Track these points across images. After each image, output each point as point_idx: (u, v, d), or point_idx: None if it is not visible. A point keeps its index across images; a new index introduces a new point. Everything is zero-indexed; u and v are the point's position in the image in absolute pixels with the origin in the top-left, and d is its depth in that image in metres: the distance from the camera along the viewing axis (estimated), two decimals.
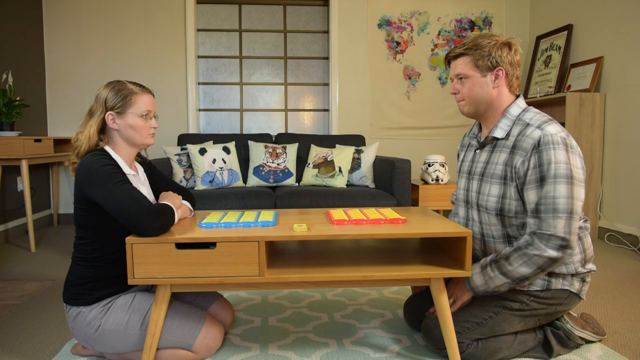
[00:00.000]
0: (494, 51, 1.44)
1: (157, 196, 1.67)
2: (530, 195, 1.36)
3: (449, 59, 1.55)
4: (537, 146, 1.35)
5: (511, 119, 1.47)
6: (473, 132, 1.66)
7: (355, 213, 1.61)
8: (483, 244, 1.54)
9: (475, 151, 1.60)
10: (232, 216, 1.53)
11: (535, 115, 1.44)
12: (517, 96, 1.51)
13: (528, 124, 1.42)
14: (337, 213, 1.62)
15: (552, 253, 1.31)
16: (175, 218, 1.43)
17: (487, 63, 1.45)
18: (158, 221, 1.32)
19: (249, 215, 1.55)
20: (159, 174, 1.71)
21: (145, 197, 1.36)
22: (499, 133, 1.47)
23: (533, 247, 1.33)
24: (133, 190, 1.36)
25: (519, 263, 1.35)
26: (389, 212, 1.61)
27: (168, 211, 1.39)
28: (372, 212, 1.61)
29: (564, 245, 1.31)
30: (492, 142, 1.52)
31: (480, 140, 1.58)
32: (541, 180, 1.34)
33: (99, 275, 1.43)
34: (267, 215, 1.56)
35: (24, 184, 2.94)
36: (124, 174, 1.40)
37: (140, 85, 1.51)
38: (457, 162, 1.76)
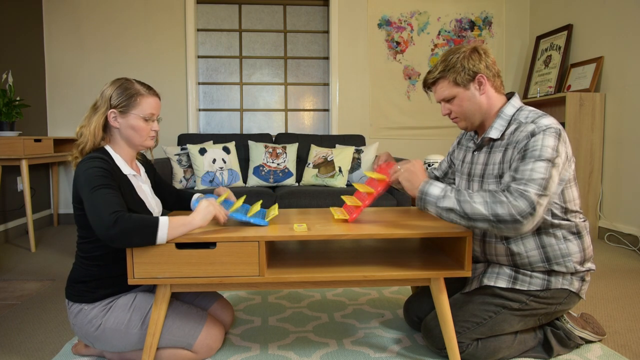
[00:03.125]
0: (466, 63, 1.44)
1: (158, 195, 1.68)
2: (512, 167, 1.36)
3: (427, 86, 1.56)
4: (530, 135, 1.36)
5: (506, 119, 1.47)
6: (470, 134, 1.66)
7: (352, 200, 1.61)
8: (483, 244, 1.54)
9: (473, 153, 1.60)
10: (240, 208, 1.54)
11: (529, 113, 1.45)
12: (511, 95, 1.52)
13: (522, 122, 1.42)
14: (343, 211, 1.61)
15: (517, 209, 1.25)
16: (160, 235, 1.27)
17: (465, 77, 1.45)
18: (115, 229, 1.22)
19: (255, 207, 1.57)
20: (160, 178, 1.72)
21: (119, 204, 1.29)
22: (494, 134, 1.48)
23: (504, 194, 1.29)
24: (107, 195, 1.29)
25: (480, 200, 1.29)
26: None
27: (142, 224, 1.26)
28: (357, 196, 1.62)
29: (530, 212, 1.25)
30: (489, 143, 1.52)
31: (477, 141, 1.59)
32: (523, 158, 1.34)
33: (101, 274, 1.44)
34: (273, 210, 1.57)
35: (24, 184, 2.94)
36: (110, 179, 1.35)
37: (148, 87, 1.49)
38: (448, 153, 1.77)
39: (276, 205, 1.66)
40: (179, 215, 1.37)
